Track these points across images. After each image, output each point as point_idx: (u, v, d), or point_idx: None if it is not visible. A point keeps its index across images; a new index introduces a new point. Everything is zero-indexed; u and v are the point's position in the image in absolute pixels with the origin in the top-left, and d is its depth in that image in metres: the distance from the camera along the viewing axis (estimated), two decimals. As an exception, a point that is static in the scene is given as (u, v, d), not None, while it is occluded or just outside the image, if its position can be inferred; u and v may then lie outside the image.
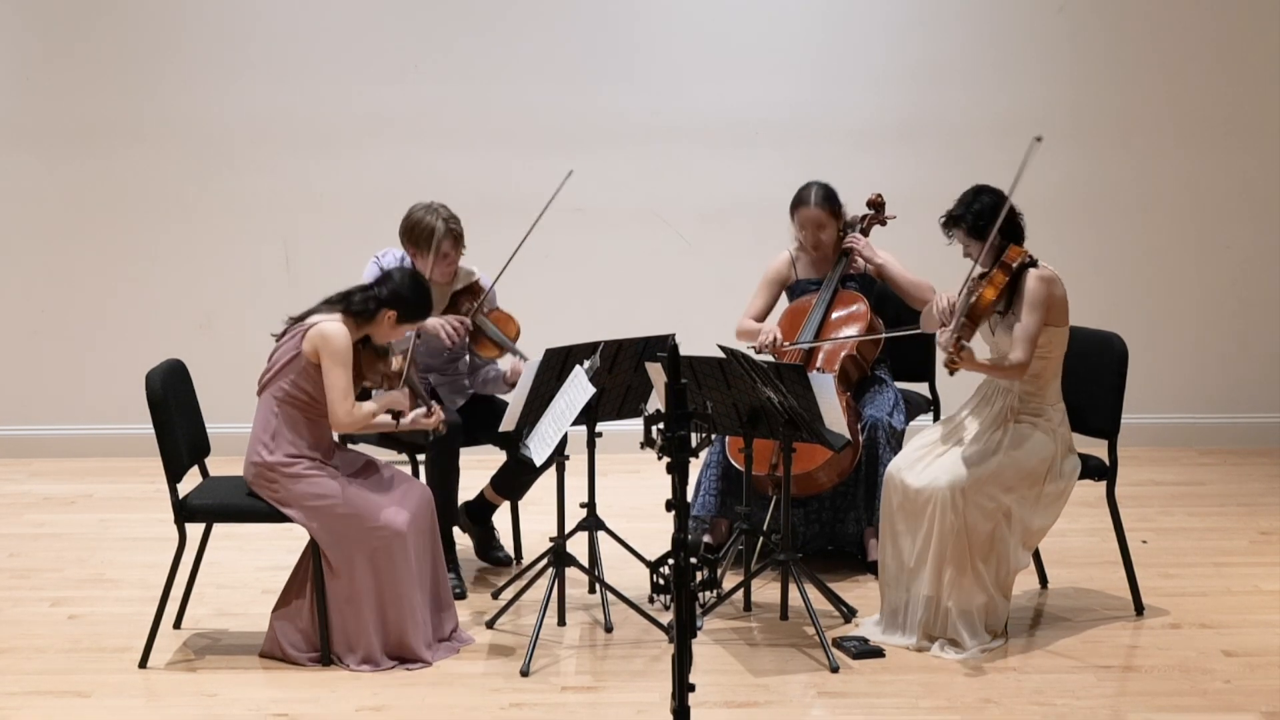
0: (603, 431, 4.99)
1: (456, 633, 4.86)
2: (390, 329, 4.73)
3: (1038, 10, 7.42)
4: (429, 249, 5.24)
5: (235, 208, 7.46)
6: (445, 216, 5.28)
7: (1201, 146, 7.48)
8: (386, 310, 4.68)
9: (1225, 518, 6.30)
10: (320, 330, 4.60)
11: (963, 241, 4.84)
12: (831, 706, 4.36)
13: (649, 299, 7.44)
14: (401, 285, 4.71)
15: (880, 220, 5.77)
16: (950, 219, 4.84)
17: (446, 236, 5.25)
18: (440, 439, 5.11)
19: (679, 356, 3.24)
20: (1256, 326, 7.60)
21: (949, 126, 7.45)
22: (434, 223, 5.25)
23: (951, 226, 4.84)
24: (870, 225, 5.75)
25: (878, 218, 5.77)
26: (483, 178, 7.30)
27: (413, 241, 5.31)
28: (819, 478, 5.31)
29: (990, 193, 4.79)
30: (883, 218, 5.77)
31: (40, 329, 7.59)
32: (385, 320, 4.69)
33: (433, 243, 5.22)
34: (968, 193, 4.84)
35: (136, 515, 6.46)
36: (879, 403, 5.51)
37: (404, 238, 5.34)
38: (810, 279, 5.73)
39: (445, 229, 5.25)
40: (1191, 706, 4.34)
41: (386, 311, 4.68)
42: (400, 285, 4.71)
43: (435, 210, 5.29)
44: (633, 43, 7.44)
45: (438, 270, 5.29)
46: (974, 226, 4.77)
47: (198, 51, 7.41)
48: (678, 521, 3.19)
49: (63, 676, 4.63)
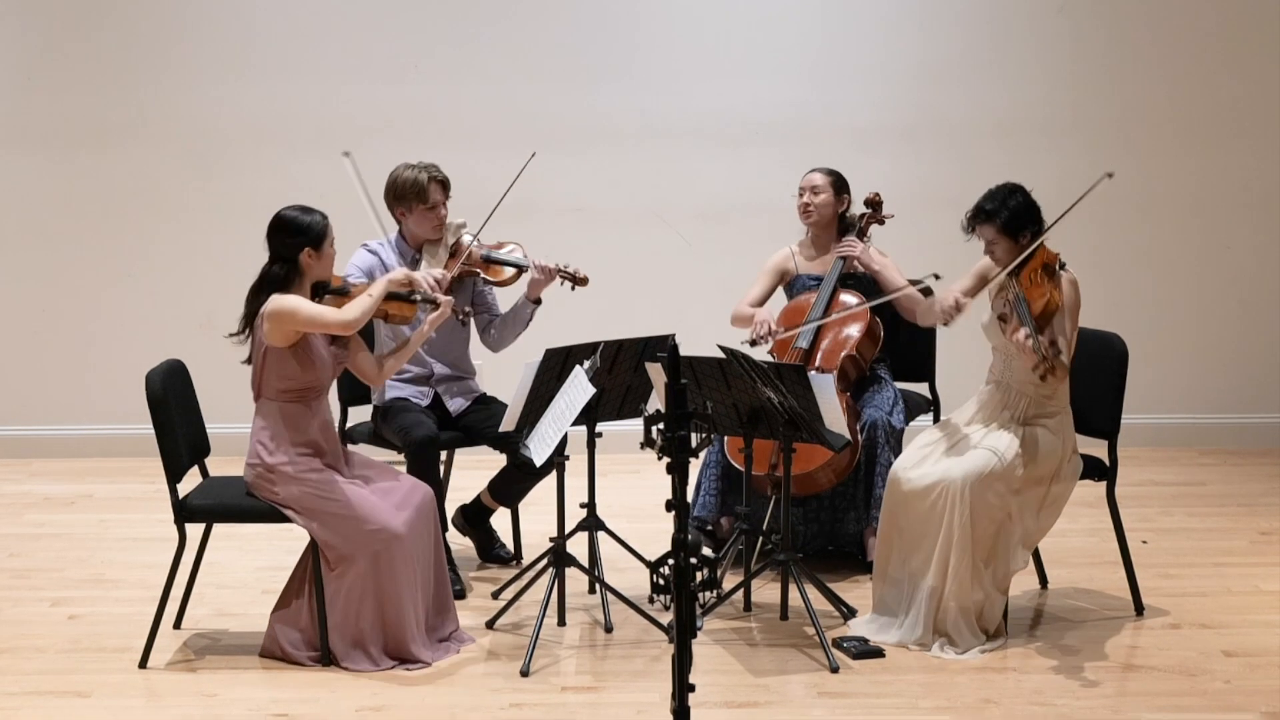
0: (603, 431, 4.99)
1: (456, 633, 4.86)
2: (320, 262, 4.70)
3: (1037, 10, 7.43)
4: (420, 201, 5.34)
5: (235, 208, 7.45)
6: (426, 166, 5.39)
7: (1202, 146, 7.48)
8: (300, 252, 4.66)
9: (1225, 518, 6.30)
10: (264, 313, 4.61)
11: (989, 238, 4.79)
12: (831, 706, 4.36)
13: (649, 299, 7.44)
14: (280, 232, 4.68)
15: (878, 219, 5.77)
16: (984, 213, 4.77)
17: (432, 184, 5.36)
18: (415, 454, 5.11)
19: (679, 356, 3.24)
20: (1257, 326, 7.61)
21: (949, 126, 7.45)
22: (418, 175, 5.36)
23: (983, 221, 4.77)
24: (868, 224, 5.76)
25: (875, 217, 5.77)
26: (483, 178, 7.27)
27: (399, 198, 5.39)
28: (818, 478, 5.31)
29: (1022, 193, 4.77)
30: (880, 217, 5.77)
31: (40, 329, 7.59)
32: (306, 259, 4.68)
33: (423, 194, 5.33)
34: (1000, 190, 4.78)
35: (136, 515, 6.46)
36: (878, 402, 5.51)
37: (391, 198, 5.41)
38: (810, 275, 5.74)
39: (429, 177, 5.36)
40: (1191, 706, 4.34)
41: (301, 256, 4.66)
42: (279, 234, 4.68)
43: (415, 166, 5.39)
44: (633, 43, 7.44)
45: (429, 223, 5.37)
46: (1008, 224, 4.74)
47: (198, 51, 7.41)
48: (678, 521, 3.19)
49: (63, 676, 4.63)
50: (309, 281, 4.71)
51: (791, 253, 5.81)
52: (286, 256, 4.67)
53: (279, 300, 4.61)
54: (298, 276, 4.68)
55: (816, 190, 5.69)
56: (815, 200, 5.69)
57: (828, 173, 5.74)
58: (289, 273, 4.66)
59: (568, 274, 5.36)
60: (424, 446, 5.15)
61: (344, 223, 7.72)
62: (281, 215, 4.72)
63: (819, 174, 5.74)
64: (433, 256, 5.40)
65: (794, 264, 5.80)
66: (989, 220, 4.76)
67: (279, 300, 4.61)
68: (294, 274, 4.67)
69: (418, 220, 5.38)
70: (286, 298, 4.62)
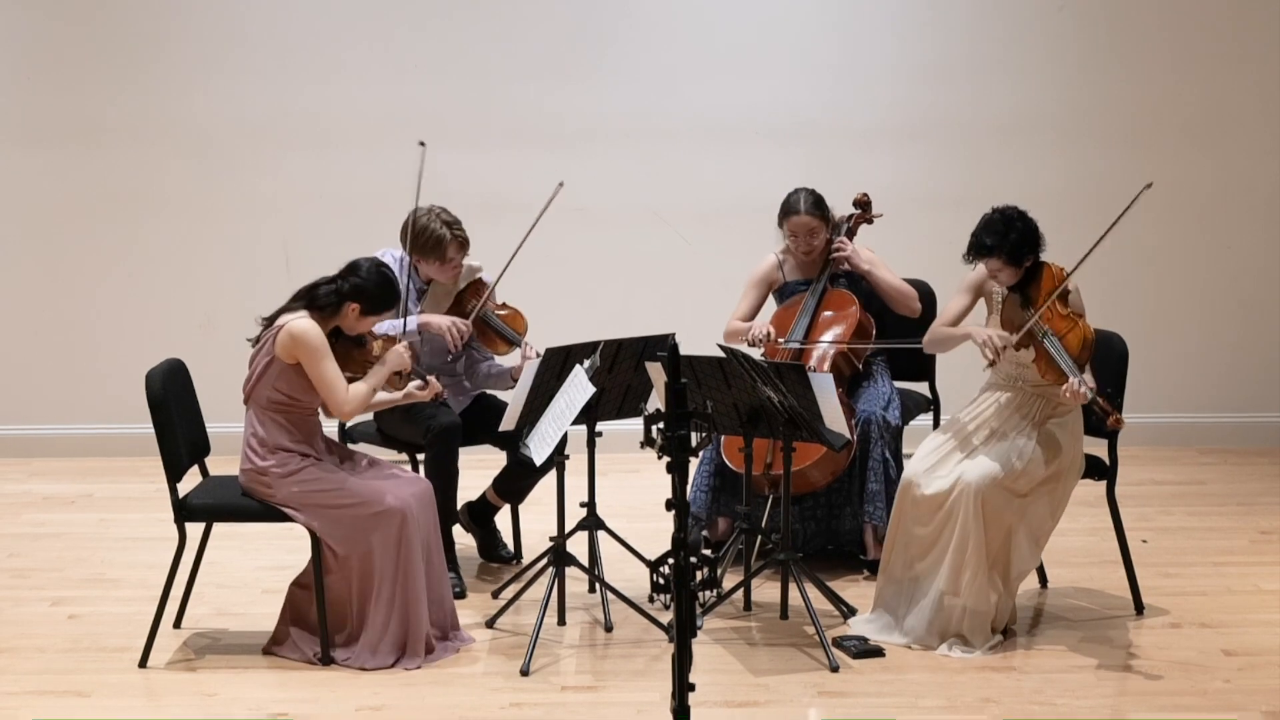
0: (603, 431, 4.99)
1: (457, 633, 4.86)
2: (355, 321, 4.72)
3: (1038, 10, 7.42)
4: (436, 257, 5.31)
5: (235, 208, 7.45)
6: (449, 222, 5.32)
7: (1203, 146, 7.48)
8: (350, 303, 4.68)
9: (1225, 517, 6.30)
10: (289, 331, 4.60)
11: (993, 268, 4.78)
12: (831, 706, 4.36)
13: (648, 299, 7.44)
14: (367, 278, 4.70)
15: (867, 219, 5.75)
16: (985, 249, 4.73)
17: (453, 243, 5.31)
18: (438, 439, 5.12)
19: (679, 356, 3.24)
20: (1257, 326, 7.60)
21: (949, 126, 7.45)
22: (440, 230, 5.29)
23: (985, 256, 4.74)
24: (857, 225, 5.74)
25: (864, 217, 5.76)
26: (483, 177, 7.30)
27: (419, 250, 5.34)
28: (811, 475, 5.30)
29: (1020, 220, 4.72)
30: (869, 216, 5.76)
31: (40, 329, 7.59)
32: (350, 313, 4.70)
33: (441, 251, 5.29)
34: (995, 221, 4.73)
35: (136, 515, 6.46)
36: (872, 397, 5.50)
37: (408, 245, 5.36)
38: (799, 280, 5.73)
39: (451, 236, 5.30)
40: (1191, 706, 4.33)
41: (350, 304, 4.69)
42: (365, 278, 4.70)
43: (437, 216, 5.32)
44: (633, 42, 7.44)
45: (444, 275, 5.38)
46: (1011, 256, 4.72)
47: (198, 51, 7.41)
48: (678, 521, 3.19)
49: (63, 676, 4.63)
50: (334, 324, 4.73)
51: (778, 261, 5.78)
52: (345, 294, 4.68)
53: (308, 334, 4.60)
54: (335, 315, 4.69)
55: (814, 232, 5.60)
56: (815, 242, 5.62)
57: (813, 208, 5.59)
58: (335, 306, 4.68)
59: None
60: (448, 433, 5.16)
61: (345, 224, 7.73)
62: (383, 268, 4.74)
63: (808, 216, 5.58)
64: (441, 289, 5.42)
65: (781, 272, 5.78)
66: (990, 255, 4.75)
67: (308, 334, 4.60)
68: (336, 311, 4.69)
69: (433, 270, 5.40)
70: (315, 335, 4.60)
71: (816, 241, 5.63)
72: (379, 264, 4.78)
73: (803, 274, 5.73)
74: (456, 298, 5.47)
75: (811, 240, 5.62)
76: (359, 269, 4.72)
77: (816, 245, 5.64)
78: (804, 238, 5.62)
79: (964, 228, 4.83)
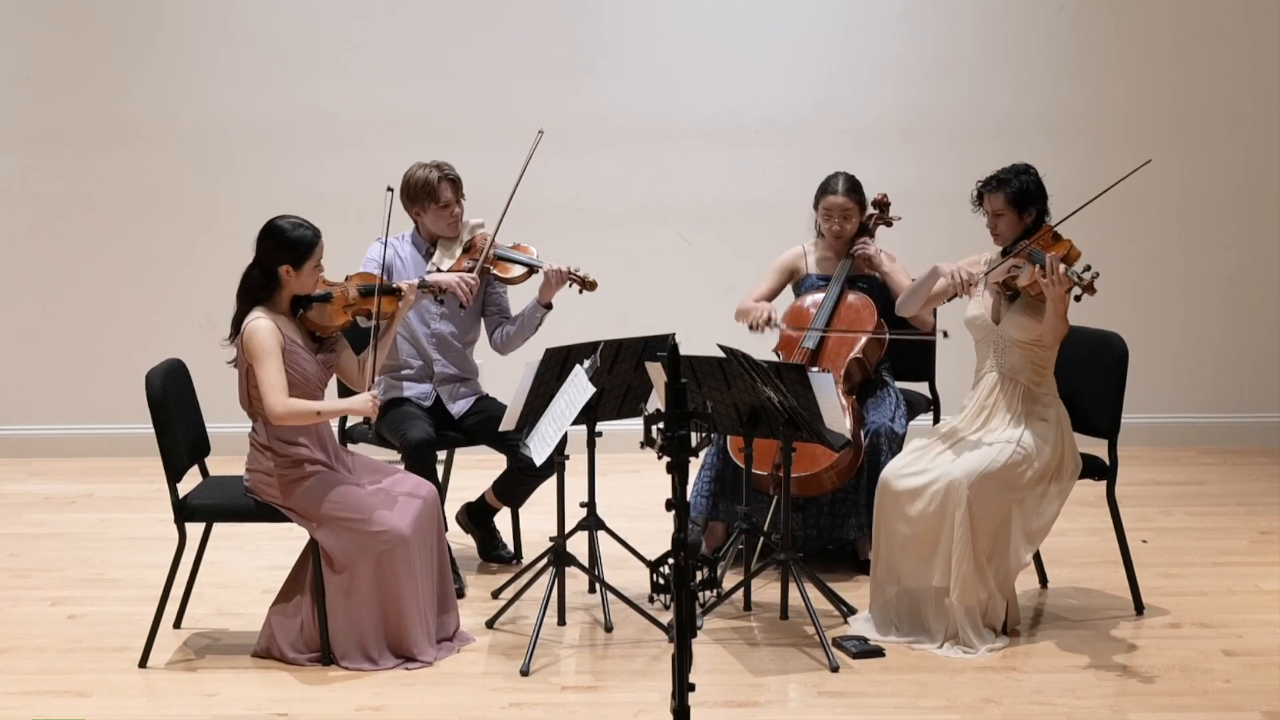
0: (603, 431, 4.99)
1: (457, 633, 4.86)
2: (299, 280, 4.65)
3: (1038, 10, 7.42)
4: (431, 200, 5.40)
5: (235, 208, 7.44)
6: (436, 164, 5.45)
7: (1202, 146, 7.48)
8: (279, 268, 4.63)
9: (1225, 517, 6.30)
10: (244, 335, 4.59)
11: (996, 208, 4.84)
12: (831, 706, 4.36)
13: (649, 299, 7.44)
14: (270, 237, 4.63)
15: (885, 220, 5.76)
16: (997, 181, 4.85)
17: (443, 181, 5.41)
18: (412, 457, 5.12)
19: (679, 356, 3.24)
20: (1256, 326, 7.60)
21: (949, 126, 7.45)
22: (428, 174, 5.42)
23: (994, 189, 4.84)
24: (876, 225, 5.75)
25: (883, 218, 5.76)
26: (484, 177, 7.28)
27: (413, 199, 5.46)
28: (824, 479, 5.30)
29: (1035, 173, 4.87)
30: (888, 218, 5.76)
31: (40, 329, 7.59)
32: (287, 277, 4.64)
33: (434, 192, 5.39)
34: (1014, 165, 4.89)
35: (136, 515, 6.46)
36: (882, 408, 5.50)
37: (405, 197, 5.46)
38: (820, 275, 5.74)
39: (440, 175, 5.41)
40: (1191, 706, 4.34)
41: (280, 269, 4.63)
42: (269, 238, 4.63)
43: (428, 165, 5.45)
44: (633, 42, 7.44)
45: (443, 220, 5.44)
46: (1017, 195, 4.79)
47: (198, 51, 7.41)
48: (678, 521, 3.19)
49: (63, 676, 4.64)
50: (288, 294, 4.68)
51: (804, 251, 5.80)
52: (266, 266, 4.64)
53: (255, 334, 4.55)
54: (277, 287, 4.65)
55: (848, 215, 5.63)
56: (847, 225, 5.65)
57: (849, 190, 5.63)
58: (268, 281, 4.63)
59: (577, 277, 5.39)
60: (420, 448, 5.16)
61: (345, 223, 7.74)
62: (272, 224, 4.67)
63: (844, 197, 5.62)
64: (446, 251, 5.45)
65: (805, 263, 5.79)
66: (1000, 188, 4.83)
67: (255, 334, 4.55)
68: (274, 284, 4.64)
69: (433, 219, 5.45)
70: (262, 336, 4.54)
71: (849, 225, 5.65)
72: (272, 220, 4.68)
73: (826, 269, 5.73)
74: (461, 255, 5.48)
75: (844, 223, 5.64)
76: (260, 236, 4.65)
77: (848, 229, 5.65)
78: (837, 219, 5.64)
79: (964, 228, 4.85)
